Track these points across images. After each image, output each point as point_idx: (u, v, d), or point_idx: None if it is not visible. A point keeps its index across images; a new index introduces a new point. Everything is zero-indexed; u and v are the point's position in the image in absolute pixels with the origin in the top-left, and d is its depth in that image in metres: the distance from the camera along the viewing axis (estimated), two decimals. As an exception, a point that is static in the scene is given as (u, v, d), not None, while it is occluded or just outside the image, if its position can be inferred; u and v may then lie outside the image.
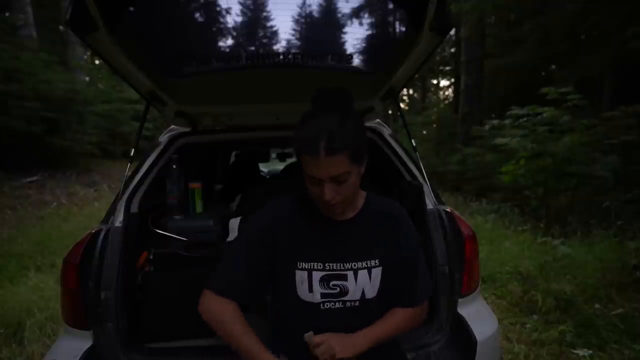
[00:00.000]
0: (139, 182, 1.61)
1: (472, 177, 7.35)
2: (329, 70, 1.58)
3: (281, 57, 1.47)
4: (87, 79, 11.44)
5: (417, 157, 1.71)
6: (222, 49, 1.49)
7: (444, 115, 11.65)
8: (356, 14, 1.35)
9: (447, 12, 1.11)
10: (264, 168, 4.61)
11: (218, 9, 1.31)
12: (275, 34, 1.42)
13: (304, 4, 1.28)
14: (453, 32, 9.88)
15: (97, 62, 11.97)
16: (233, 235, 1.66)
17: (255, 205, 1.10)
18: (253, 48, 1.49)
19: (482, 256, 2.47)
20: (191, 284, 1.46)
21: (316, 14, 1.33)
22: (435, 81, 20.16)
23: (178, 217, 1.70)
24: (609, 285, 2.70)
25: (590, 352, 2.04)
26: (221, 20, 1.35)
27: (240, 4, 1.29)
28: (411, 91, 20.84)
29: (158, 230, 1.63)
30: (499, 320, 1.60)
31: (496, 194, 6.18)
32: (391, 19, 1.51)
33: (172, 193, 1.71)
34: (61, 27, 11.80)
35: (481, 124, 6.42)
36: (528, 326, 2.37)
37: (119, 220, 1.41)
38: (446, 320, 1.36)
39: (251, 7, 1.32)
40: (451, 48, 13.89)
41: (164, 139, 1.84)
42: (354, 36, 1.42)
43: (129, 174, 1.62)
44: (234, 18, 1.34)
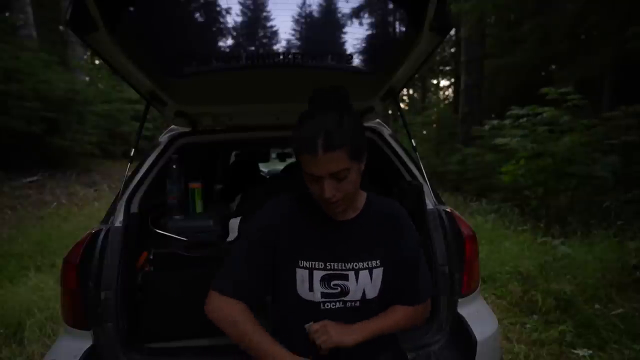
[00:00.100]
0: (139, 182, 1.61)
1: (472, 177, 7.35)
2: (329, 70, 1.58)
3: (281, 57, 1.47)
4: (87, 79, 11.44)
5: (417, 157, 1.71)
6: (222, 49, 1.49)
7: (444, 115, 11.65)
8: (356, 14, 1.35)
9: (447, 12, 1.11)
10: (264, 168, 4.61)
11: (218, 9, 1.31)
12: (275, 34, 1.42)
13: (304, 4, 1.28)
14: (453, 32, 9.88)
15: (97, 62, 11.97)
16: (233, 235, 1.66)
17: (255, 205, 1.10)
18: (253, 48, 1.49)
19: (482, 256, 2.47)
20: (191, 284, 1.46)
21: (316, 14, 1.33)
22: (435, 81, 20.16)
23: (178, 217, 1.70)
24: (609, 285, 2.70)
25: (590, 352, 2.05)
26: (221, 20, 1.35)
27: (240, 4, 1.29)
28: (411, 91, 20.85)
29: (158, 230, 1.63)
30: (499, 320, 1.60)
31: (496, 194, 6.18)
32: (391, 19, 1.51)
33: (172, 193, 1.71)
34: (61, 27, 11.81)
35: (481, 124, 6.42)
36: (528, 326, 2.37)
37: (119, 220, 1.41)
38: (446, 320, 1.36)
39: (251, 7, 1.32)
40: (451, 48, 13.89)
41: (164, 139, 1.84)
42: (354, 36, 1.42)
43: (129, 174, 1.62)
44: (234, 18, 1.33)
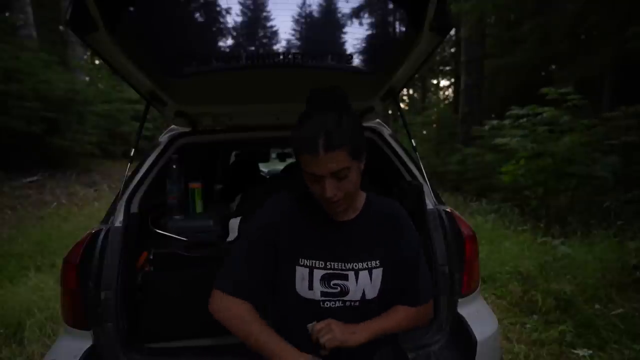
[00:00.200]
0: (139, 182, 1.61)
1: (472, 177, 7.35)
2: (329, 70, 1.58)
3: (281, 57, 1.47)
4: (87, 79, 11.44)
5: (417, 157, 1.71)
6: (222, 49, 1.49)
7: (444, 115, 11.65)
8: (356, 14, 1.35)
9: (447, 12, 1.11)
10: (264, 168, 4.61)
11: (218, 9, 1.31)
12: (275, 34, 1.42)
13: (304, 4, 1.28)
14: (453, 32, 9.88)
15: (97, 62, 11.97)
16: (233, 235, 1.66)
17: (255, 205, 1.10)
18: (253, 48, 1.49)
19: (482, 256, 2.47)
20: (191, 284, 1.47)
21: (316, 14, 1.33)
22: (435, 81, 20.16)
23: (178, 217, 1.70)
24: (609, 285, 2.70)
25: (590, 352, 2.05)
26: (221, 20, 1.35)
27: (240, 4, 1.29)
28: (411, 91, 20.85)
29: (158, 230, 1.63)
30: (499, 320, 1.60)
31: (496, 194, 6.18)
32: (391, 19, 1.51)
33: (172, 193, 1.71)
34: (61, 27, 11.81)
35: (481, 124, 6.42)
36: (528, 326, 2.37)
37: (119, 220, 1.41)
38: (446, 320, 1.36)
39: (251, 7, 1.32)
40: (451, 48, 13.89)
41: (164, 139, 1.84)
42: (354, 36, 1.42)
43: (129, 174, 1.62)
44: (234, 18, 1.33)
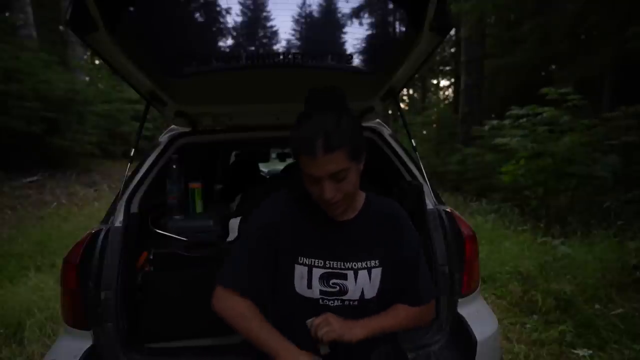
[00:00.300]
0: (139, 182, 1.61)
1: (472, 177, 7.35)
2: (329, 70, 1.58)
3: (281, 57, 1.47)
4: (87, 79, 11.43)
5: (417, 157, 1.71)
6: (222, 49, 1.49)
7: (444, 115, 11.65)
8: (356, 14, 1.35)
9: (447, 12, 1.11)
10: (264, 168, 4.61)
11: (218, 9, 1.31)
12: (275, 34, 1.42)
13: (304, 4, 1.28)
14: (453, 32, 9.88)
15: (97, 62, 11.97)
16: (233, 235, 1.66)
17: (255, 205, 1.10)
18: (253, 48, 1.49)
19: (482, 256, 2.47)
20: (191, 284, 1.47)
21: (316, 14, 1.33)
22: (435, 81, 20.16)
23: (178, 217, 1.70)
24: (609, 285, 2.70)
25: (590, 352, 2.05)
26: (221, 20, 1.35)
27: (240, 4, 1.29)
28: (411, 91, 20.85)
29: (158, 230, 1.63)
30: (499, 320, 1.60)
31: (496, 194, 6.18)
32: (391, 19, 1.51)
33: (172, 193, 1.71)
34: (61, 27, 11.80)
35: (481, 124, 6.42)
36: (528, 326, 2.37)
37: (119, 220, 1.41)
38: (446, 320, 1.36)
39: (251, 7, 1.32)
40: (451, 48, 13.89)
41: (164, 139, 1.84)
42: (354, 36, 1.42)
43: (129, 174, 1.62)
44: (234, 18, 1.34)
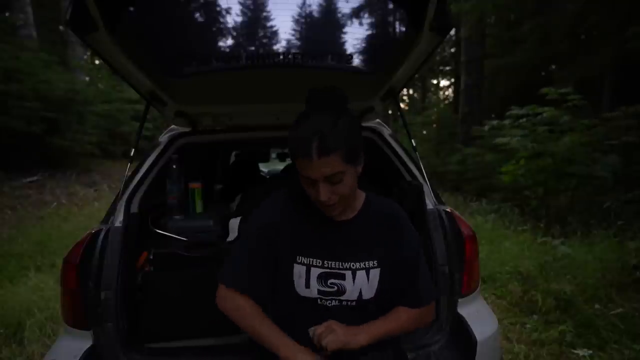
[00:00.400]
0: (139, 182, 1.61)
1: (472, 177, 7.35)
2: (329, 70, 1.58)
3: (281, 57, 1.47)
4: (87, 79, 11.43)
5: (417, 157, 1.71)
6: (222, 49, 1.49)
7: (444, 115, 11.65)
8: (356, 14, 1.35)
9: (447, 12, 1.11)
10: (264, 168, 4.61)
11: (218, 9, 1.31)
12: (275, 34, 1.42)
13: (304, 4, 1.28)
14: (453, 32, 9.88)
15: (97, 62, 11.97)
16: (233, 235, 1.66)
17: (255, 205, 1.10)
18: (253, 48, 1.49)
19: (482, 256, 2.47)
20: (191, 284, 1.47)
21: (316, 14, 1.33)
22: (435, 81, 20.16)
23: (178, 217, 1.70)
24: (609, 285, 2.70)
25: (590, 352, 2.05)
26: (221, 20, 1.35)
27: (240, 4, 1.29)
28: (411, 91, 20.85)
29: (158, 230, 1.63)
30: (499, 320, 1.60)
31: (496, 194, 6.18)
32: (391, 19, 1.51)
33: (172, 193, 1.71)
34: (61, 27, 11.80)
35: (481, 124, 6.42)
36: (528, 326, 2.37)
37: (119, 220, 1.41)
38: (446, 320, 1.36)
39: (251, 7, 1.32)
40: (451, 48, 13.89)
41: (164, 139, 1.84)
42: (354, 36, 1.42)
43: (129, 174, 1.62)
44: (234, 18, 1.34)
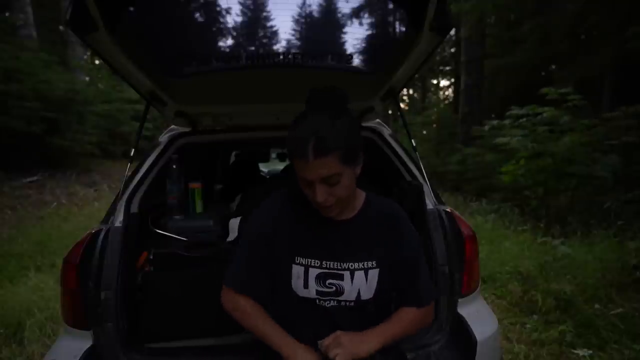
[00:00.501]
0: (139, 182, 1.61)
1: (472, 177, 7.35)
2: (329, 70, 1.58)
3: (281, 57, 1.47)
4: (87, 79, 11.43)
5: (417, 157, 1.71)
6: (222, 49, 1.49)
7: (444, 115, 11.65)
8: (356, 14, 1.35)
9: (447, 12, 1.11)
10: (264, 168, 4.61)
11: (218, 9, 1.31)
12: (275, 34, 1.42)
13: (304, 4, 1.28)
14: (453, 32, 9.88)
15: (97, 62, 11.97)
16: (233, 235, 1.66)
17: (255, 205, 1.10)
18: (253, 48, 1.49)
19: (482, 256, 2.47)
20: (191, 284, 1.47)
21: (316, 14, 1.33)
22: (435, 81, 20.16)
23: (178, 217, 1.70)
24: (609, 285, 2.70)
25: (590, 352, 2.04)
26: (221, 20, 1.35)
27: (240, 4, 1.29)
28: (411, 91, 20.85)
29: (158, 230, 1.63)
30: (499, 320, 1.60)
31: (496, 194, 6.18)
32: (391, 19, 1.51)
33: (172, 193, 1.71)
34: (61, 27, 11.80)
35: (481, 124, 6.42)
36: (528, 326, 2.37)
37: (119, 220, 1.41)
38: (446, 320, 1.36)
39: (251, 7, 1.32)
40: (451, 48, 13.89)
41: (164, 139, 1.84)
42: (354, 36, 1.42)
43: (129, 174, 1.62)
44: (234, 18, 1.34)
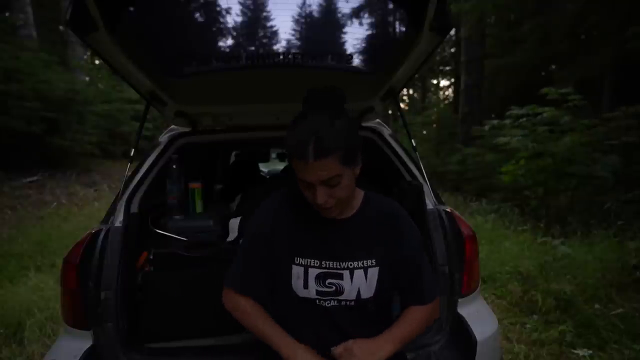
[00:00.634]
0: (139, 182, 1.61)
1: (472, 177, 7.35)
2: (329, 70, 1.58)
3: (281, 57, 1.47)
4: (87, 79, 11.44)
5: (417, 157, 1.71)
6: (222, 49, 1.49)
7: (444, 115, 11.66)
8: (356, 14, 1.35)
9: (447, 12, 1.11)
10: (264, 168, 4.61)
11: (218, 9, 1.31)
12: (275, 34, 1.42)
13: (304, 4, 1.28)
14: (453, 32, 9.88)
15: (97, 62, 11.97)
16: (233, 235, 1.66)
17: (255, 205, 1.10)
18: (253, 48, 1.49)
19: (482, 256, 2.47)
20: (191, 284, 1.47)
21: (316, 14, 1.33)
22: (435, 81, 20.16)
23: (178, 217, 1.70)
24: (609, 285, 2.70)
25: (590, 352, 2.04)
26: (221, 20, 1.35)
27: (240, 4, 1.29)
28: (411, 91, 20.85)
29: (158, 230, 1.63)
30: (499, 320, 1.60)
31: (496, 194, 6.18)
32: (391, 19, 1.51)
33: (172, 193, 1.71)
34: (61, 27, 11.80)
35: (481, 124, 6.42)
36: (528, 326, 2.37)
37: (119, 220, 1.41)
38: (446, 320, 1.36)
39: (251, 7, 1.32)
40: (451, 48, 13.89)
41: (164, 139, 1.84)
42: (354, 36, 1.42)
43: (129, 174, 1.62)
44: (234, 18, 1.34)
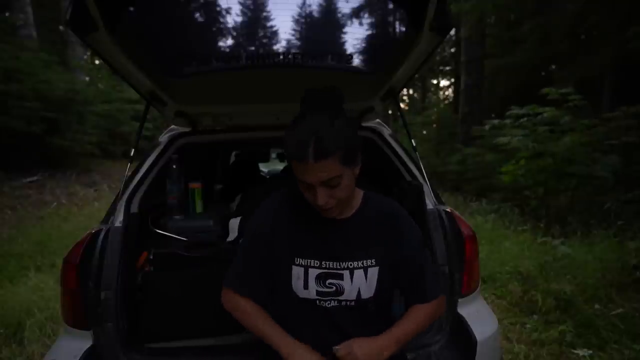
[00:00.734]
0: (139, 182, 1.61)
1: (472, 177, 7.35)
2: (329, 70, 1.58)
3: (281, 57, 1.47)
4: (87, 79, 11.44)
5: (417, 157, 1.71)
6: (222, 49, 1.49)
7: (444, 115, 11.66)
8: (356, 14, 1.35)
9: (447, 12, 1.11)
10: (264, 168, 4.61)
11: (218, 9, 1.31)
12: (275, 34, 1.42)
13: (304, 4, 1.28)
14: (453, 32, 9.88)
15: (97, 62, 11.97)
16: (233, 235, 1.66)
17: (255, 205, 1.10)
18: (253, 48, 1.49)
19: (482, 256, 2.47)
20: (191, 284, 1.47)
21: (316, 14, 1.33)
22: (435, 81, 20.16)
23: (178, 217, 1.70)
24: (609, 285, 2.70)
25: (590, 352, 2.05)
26: (221, 20, 1.35)
27: (240, 4, 1.29)
28: (411, 91, 20.85)
29: (158, 230, 1.63)
30: (499, 320, 1.60)
31: (496, 194, 6.19)
32: (391, 19, 1.51)
33: (172, 193, 1.71)
34: (61, 27, 11.81)
35: (481, 124, 6.42)
36: (528, 326, 2.37)
37: (119, 220, 1.41)
38: (446, 320, 1.36)
39: (251, 7, 1.32)
40: (451, 48, 13.89)
41: (164, 139, 1.84)
42: (354, 36, 1.42)
43: (129, 174, 1.62)
44: (234, 18, 1.34)
